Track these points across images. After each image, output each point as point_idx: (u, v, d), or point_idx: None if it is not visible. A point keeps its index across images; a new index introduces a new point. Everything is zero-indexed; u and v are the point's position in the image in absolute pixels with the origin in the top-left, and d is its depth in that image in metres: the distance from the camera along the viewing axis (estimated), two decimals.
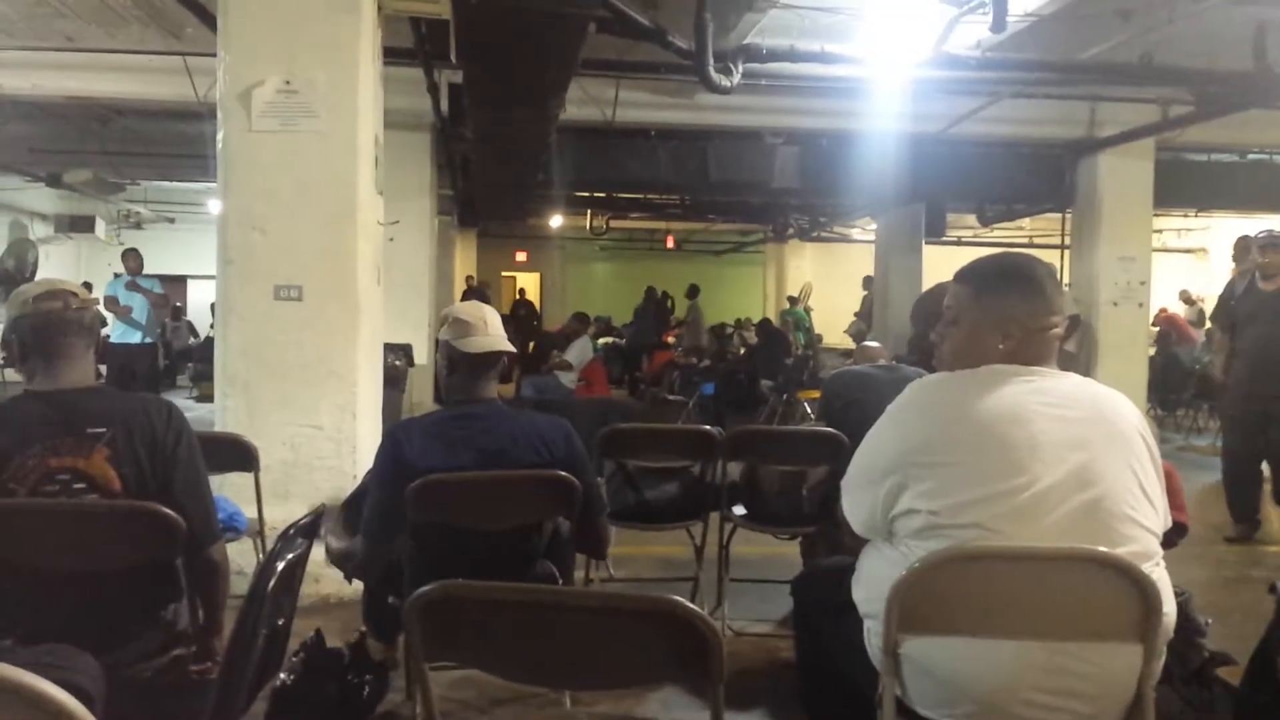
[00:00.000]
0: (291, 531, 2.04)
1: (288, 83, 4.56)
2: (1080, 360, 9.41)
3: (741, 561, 4.22)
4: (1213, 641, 3.05)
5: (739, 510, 4.13)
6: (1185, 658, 2.75)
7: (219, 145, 4.65)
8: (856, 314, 16.35)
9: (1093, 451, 1.96)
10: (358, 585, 3.35)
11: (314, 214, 4.61)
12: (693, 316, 16.16)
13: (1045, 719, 1.90)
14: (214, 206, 5.46)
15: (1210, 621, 3.17)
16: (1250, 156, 10.85)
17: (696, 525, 4.14)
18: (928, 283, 13.32)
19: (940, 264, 14.47)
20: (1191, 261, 18.17)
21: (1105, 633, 1.90)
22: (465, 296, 14.25)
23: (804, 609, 2.58)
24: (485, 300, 14.52)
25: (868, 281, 15.84)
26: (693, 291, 16.57)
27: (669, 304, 18.43)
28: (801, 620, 2.61)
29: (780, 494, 4.08)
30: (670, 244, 19.90)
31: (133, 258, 10.12)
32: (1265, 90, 6.96)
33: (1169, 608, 1.93)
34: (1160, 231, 15.38)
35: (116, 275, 10.39)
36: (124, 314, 9.67)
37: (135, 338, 9.78)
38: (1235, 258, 8.10)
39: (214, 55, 4.73)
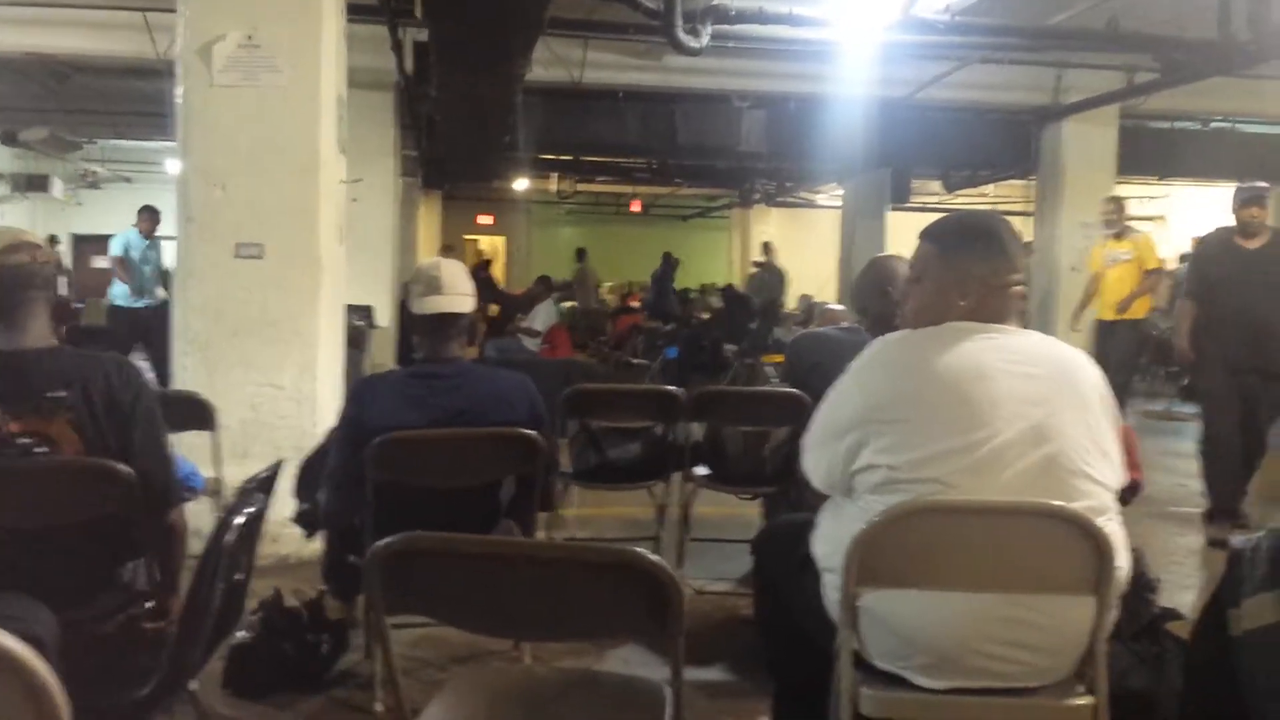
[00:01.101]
0: (250, 486, 2.03)
1: (249, 37, 4.49)
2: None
3: (703, 522, 4.25)
4: (1162, 599, 3.11)
5: (701, 470, 4.16)
6: (1136, 613, 2.79)
7: (179, 101, 4.58)
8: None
9: (1051, 408, 1.99)
10: (316, 545, 3.34)
11: (276, 171, 4.55)
12: (579, 279, 16.10)
13: (999, 670, 1.94)
14: (172, 166, 5.39)
15: (1161, 578, 3.24)
16: (1212, 125, 10.96)
17: (659, 485, 4.17)
18: (892, 249, 13.39)
19: (905, 230, 14.51)
20: (1152, 229, 18.33)
21: (1060, 585, 1.93)
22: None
23: (764, 565, 2.60)
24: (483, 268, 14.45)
25: (765, 248, 16.40)
26: (580, 255, 16.51)
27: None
28: (761, 576, 2.64)
29: (743, 454, 4.10)
30: (636, 208, 19.83)
31: (148, 217, 9.28)
32: (1229, 58, 7.00)
33: (1123, 561, 1.96)
34: (1123, 199, 15.48)
35: (129, 230, 9.36)
36: (125, 276, 9.09)
37: (142, 301, 9.15)
38: (1107, 221, 8.13)
39: (173, 11, 4.63)
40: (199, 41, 4.48)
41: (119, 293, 9.26)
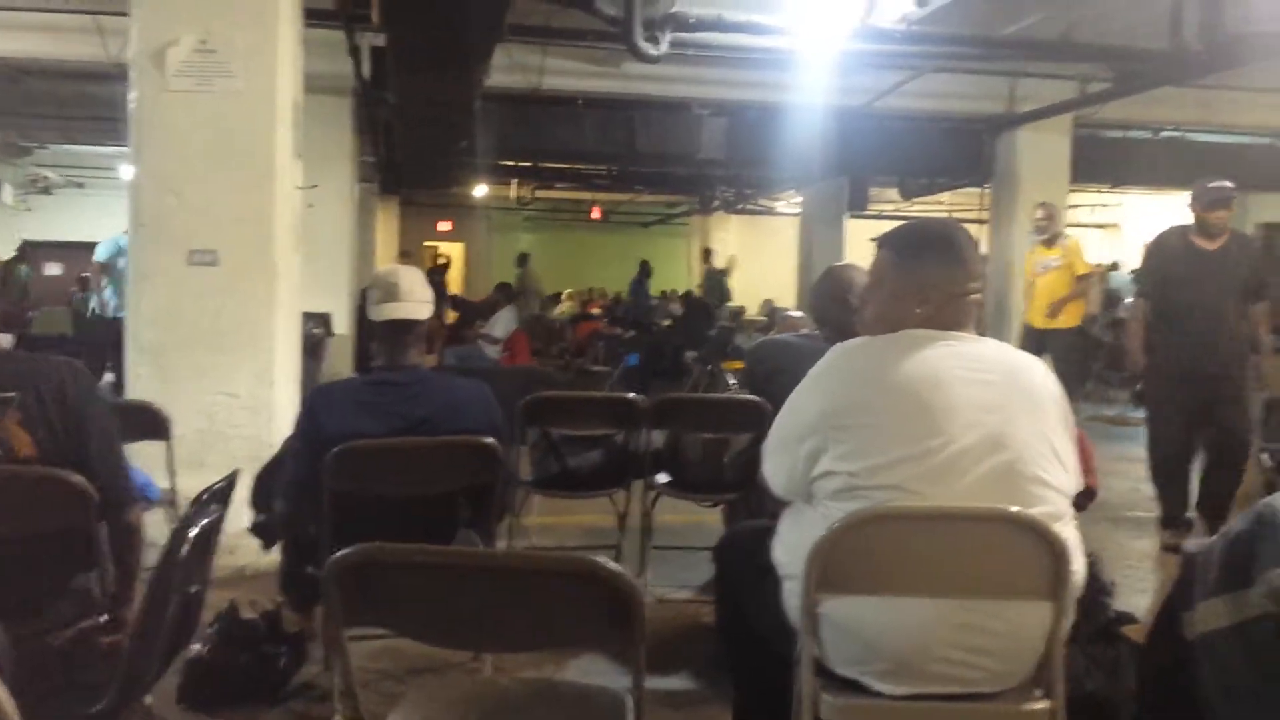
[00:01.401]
0: (205, 497, 2.00)
1: (204, 42, 4.44)
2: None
3: (665, 529, 4.25)
4: (1117, 602, 3.15)
5: (662, 478, 4.15)
6: (1092, 617, 2.82)
7: (132, 106, 4.51)
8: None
9: (1007, 414, 2.00)
10: (274, 557, 3.30)
11: (230, 177, 4.50)
12: (520, 285, 16.07)
13: (958, 675, 1.95)
14: (125, 171, 5.31)
15: (1116, 582, 3.28)
16: (1163, 134, 11.13)
17: (620, 493, 4.15)
18: (850, 256, 13.50)
19: (863, 237, 14.65)
20: (1104, 236, 18.62)
21: (1017, 591, 1.95)
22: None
23: (725, 572, 2.60)
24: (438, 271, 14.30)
25: (706, 254, 16.75)
26: (522, 260, 16.47)
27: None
28: (722, 583, 2.64)
29: (703, 461, 4.11)
30: (597, 215, 19.82)
31: None
32: (1180, 68, 7.13)
33: (1078, 566, 1.98)
34: (1076, 207, 15.71)
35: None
36: (99, 284, 8.86)
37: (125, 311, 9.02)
38: (1038, 228, 8.20)
39: (126, 14, 4.58)
40: (152, 46, 4.43)
41: (96, 301, 9.04)
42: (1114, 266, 15.78)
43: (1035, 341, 7.82)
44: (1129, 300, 6.10)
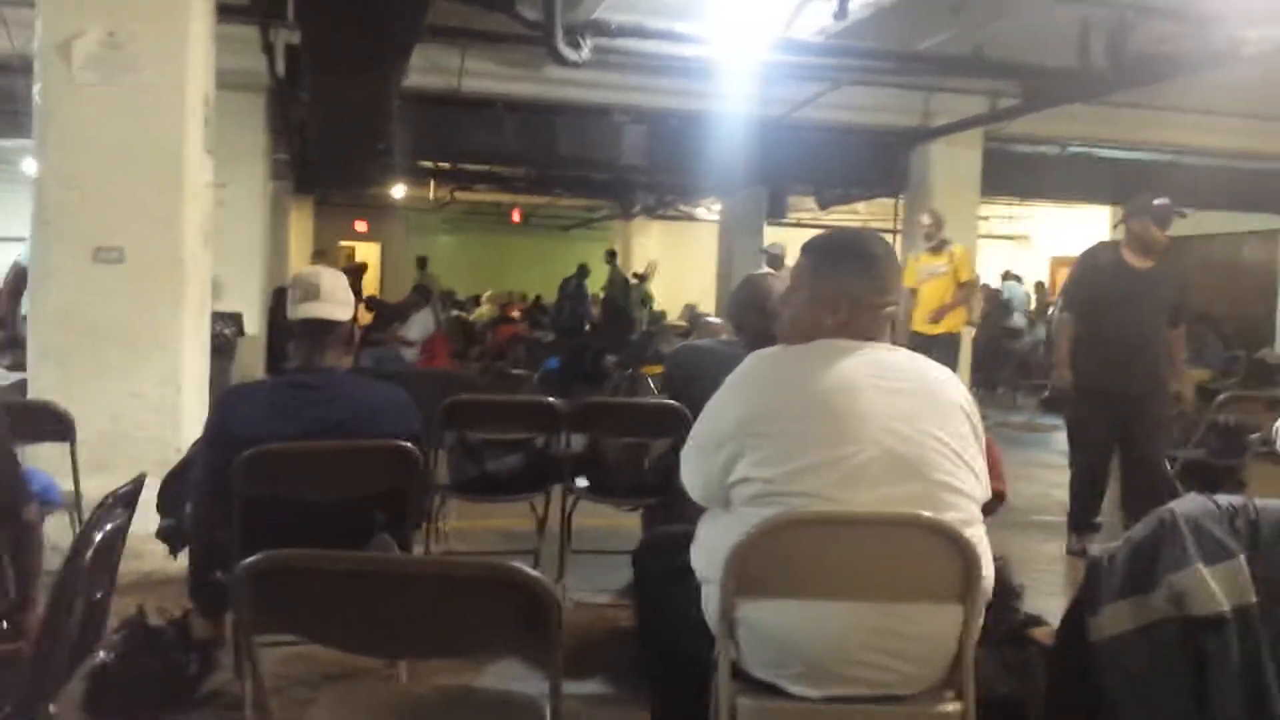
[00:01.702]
0: (110, 501, 1.94)
1: (111, 35, 4.33)
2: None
3: (583, 533, 4.24)
4: (1026, 605, 3.23)
5: (581, 482, 4.15)
6: (1002, 619, 2.89)
7: (36, 100, 4.37)
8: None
9: (918, 423, 2.04)
10: (182, 561, 3.22)
11: (137, 173, 4.39)
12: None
13: (872, 678, 1.98)
14: (29, 166, 5.15)
15: (1025, 585, 3.36)
16: (1070, 149, 11.46)
17: (539, 497, 4.14)
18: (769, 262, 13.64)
19: (782, 244, 14.81)
20: (1014, 248, 19.11)
21: (929, 594, 1.99)
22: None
23: (643, 576, 2.61)
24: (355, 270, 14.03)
25: (611, 256, 16.66)
26: (421, 264, 16.32)
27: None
28: (640, 588, 2.64)
29: (623, 466, 4.11)
30: (517, 218, 19.73)
31: None
32: (1087, 85, 7.36)
33: (987, 570, 2.03)
34: (987, 218, 16.09)
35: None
36: None
37: None
38: (925, 235, 8.26)
39: (31, 5, 4.44)
40: (58, 38, 4.30)
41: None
42: (1008, 276, 16.13)
43: (921, 349, 7.80)
44: (1055, 314, 5.73)
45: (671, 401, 3.86)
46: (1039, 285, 16.74)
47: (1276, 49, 6.38)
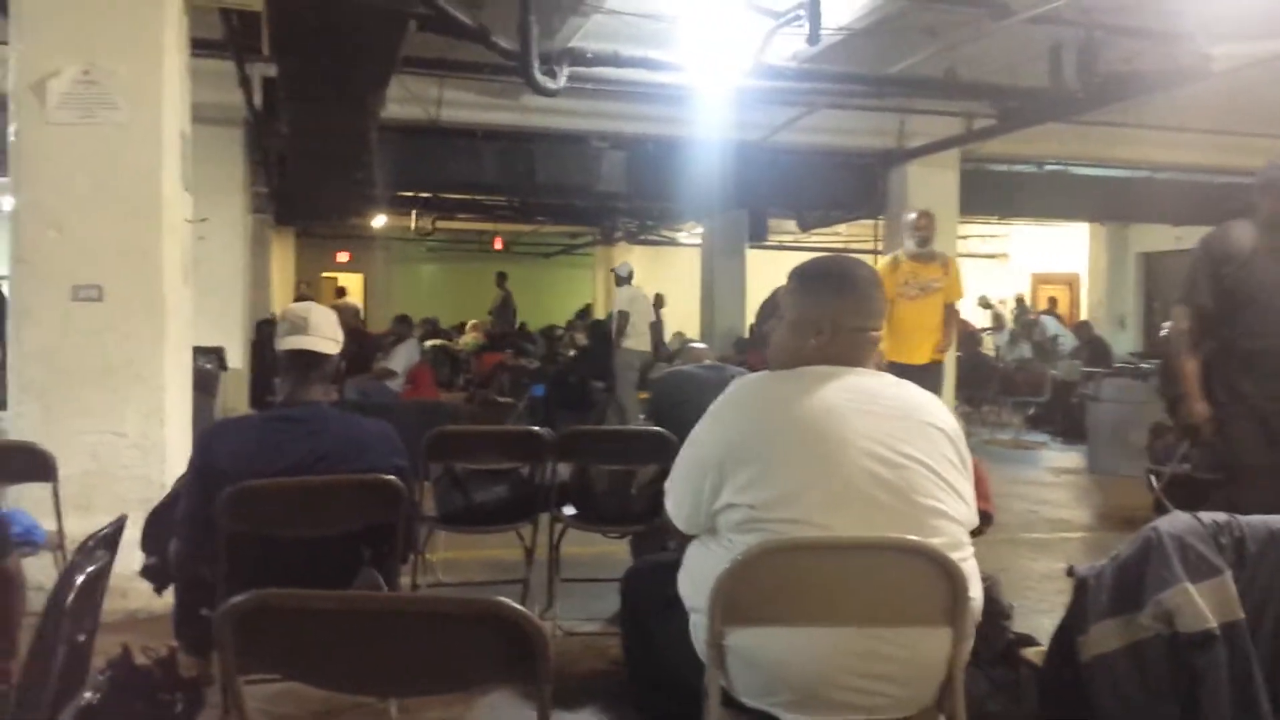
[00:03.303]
0: (91, 543, 1.92)
1: (86, 73, 4.32)
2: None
3: (572, 561, 4.23)
4: (1017, 624, 3.23)
5: (569, 510, 4.14)
6: (991, 640, 2.89)
7: (11, 138, 4.37)
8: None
9: (901, 447, 2.04)
10: (168, 600, 3.19)
11: (115, 210, 4.37)
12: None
13: (862, 703, 1.97)
14: (6, 203, 5.13)
15: (1014, 605, 3.36)
16: (1047, 167, 11.57)
17: (526, 527, 4.12)
18: (751, 286, 13.68)
19: (763, 267, 14.88)
20: (993, 266, 19.24)
21: (916, 618, 1.98)
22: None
23: (631, 605, 2.60)
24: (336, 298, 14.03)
25: (500, 278, 17.50)
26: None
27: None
28: (629, 616, 2.63)
29: (610, 493, 4.11)
30: (499, 246, 19.75)
31: None
32: (1061, 105, 7.45)
33: (975, 592, 2.03)
34: (965, 238, 16.20)
35: None
36: None
37: None
38: (921, 238, 6.61)
39: (4, 43, 4.44)
40: (32, 76, 4.29)
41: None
42: (1049, 311, 15.69)
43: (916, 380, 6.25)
44: (1173, 325, 4.16)
45: (658, 428, 3.86)
46: (1019, 300, 16.81)
47: (1243, 64, 6.48)
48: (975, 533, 2.15)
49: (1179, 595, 2.08)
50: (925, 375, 6.07)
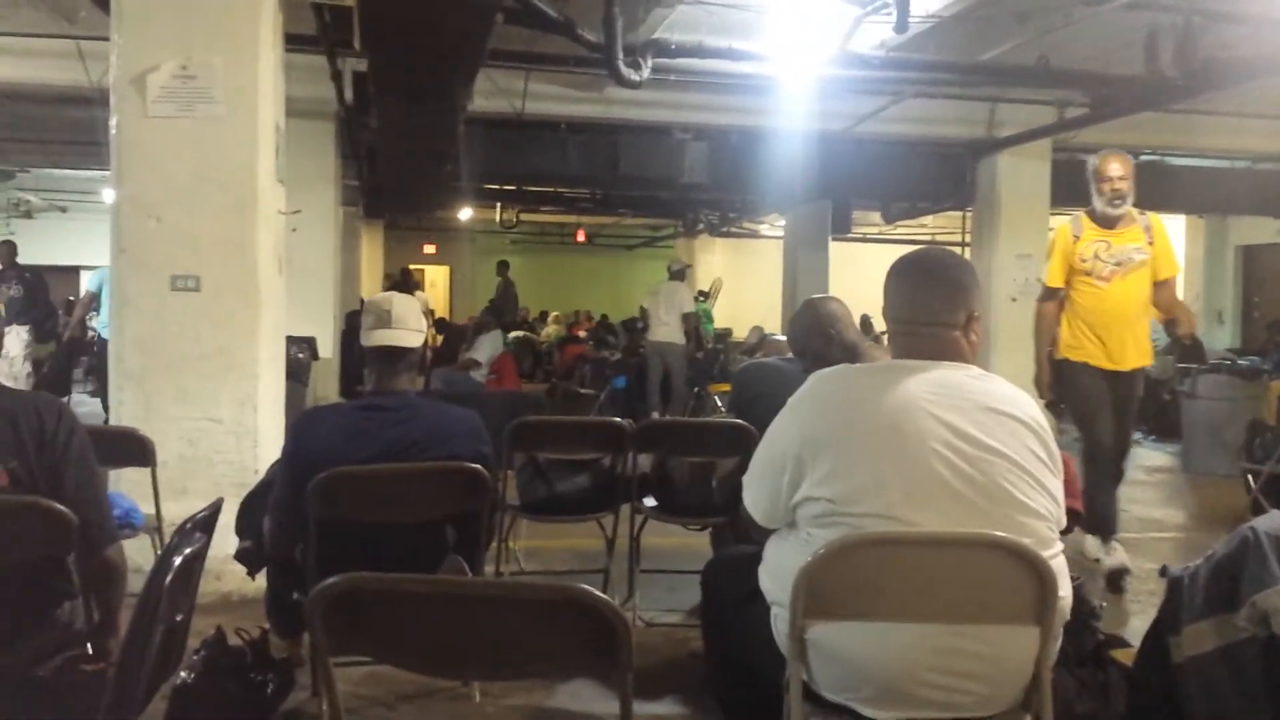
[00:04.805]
0: (189, 526, 1.98)
1: (184, 67, 4.44)
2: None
3: (652, 553, 4.24)
4: (1106, 625, 3.16)
5: (649, 502, 4.15)
6: (1080, 641, 2.83)
7: (113, 131, 4.51)
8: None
9: (983, 442, 2.00)
10: (260, 583, 3.28)
11: (212, 202, 4.49)
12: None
13: (945, 700, 1.95)
14: (108, 195, 5.30)
15: (1104, 605, 3.28)
16: (1142, 157, 11.22)
17: (607, 517, 4.14)
18: (834, 279, 13.54)
19: (846, 260, 14.73)
20: None
21: (1003, 615, 1.95)
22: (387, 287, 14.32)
23: (712, 598, 2.60)
24: (407, 288, 14.39)
25: (501, 267, 17.58)
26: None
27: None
28: (709, 609, 2.63)
29: (690, 485, 4.10)
30: (581, 238, 19.87)
31: None
32: (1156, 93, 7.21)
33: (1065, 591, 1.98)
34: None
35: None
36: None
37: None
38: (1115, 193, 4.99)
39: (107, 39, 4.58)
40: (133, 71, 4.43)
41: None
42: None
43: (1124, 386, 4.94)
44: None
45: (738, 421, 3.85)
46: None
47: None
48: (1063, 531, 2.11)
49: (1276, 596, 2.01)
50: (1132, 384, 4.98)
